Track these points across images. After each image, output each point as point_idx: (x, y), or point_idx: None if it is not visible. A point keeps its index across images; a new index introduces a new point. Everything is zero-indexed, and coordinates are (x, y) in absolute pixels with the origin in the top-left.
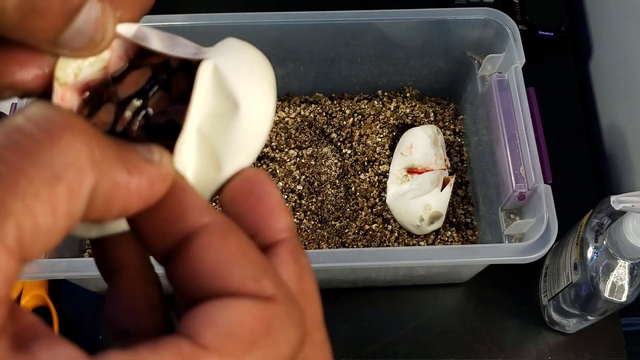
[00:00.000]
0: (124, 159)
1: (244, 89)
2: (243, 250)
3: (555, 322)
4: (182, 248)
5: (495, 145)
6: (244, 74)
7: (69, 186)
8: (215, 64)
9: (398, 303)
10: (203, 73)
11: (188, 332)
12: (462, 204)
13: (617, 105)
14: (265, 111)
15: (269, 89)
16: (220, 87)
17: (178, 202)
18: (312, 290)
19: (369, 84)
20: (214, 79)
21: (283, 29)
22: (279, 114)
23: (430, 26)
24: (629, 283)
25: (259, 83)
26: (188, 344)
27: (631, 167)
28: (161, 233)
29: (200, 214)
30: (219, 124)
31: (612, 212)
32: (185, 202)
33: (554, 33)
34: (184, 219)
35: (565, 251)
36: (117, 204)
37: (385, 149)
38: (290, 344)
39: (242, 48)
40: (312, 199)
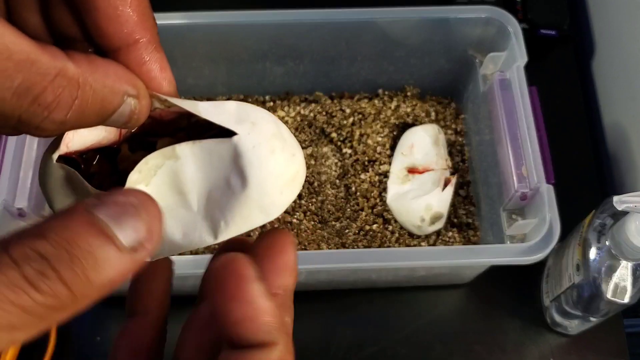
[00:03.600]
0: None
1: (257, 173)
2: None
3: (557, 323)
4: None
5: (497, 145)
6: (265, 157)
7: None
8: (237, 144)
9: (399, 304)
10: (223, 140)
11: None
12: (464, 204)
13: (620, 104)
14: (276, 200)
15: (286, 184)
16: (236, 163)
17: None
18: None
19: (369, 82)
20: (233, 155)
21: (282, 27)
22: (278, 113)
23: (431, 24)
24: (632, 284)
25: (276, 179)
26: None
27: (634, 167)
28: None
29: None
30: (226, 193)
31: (614, 212)
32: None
33: (556, 32)
34: (258, 332)
35: (567, 252)
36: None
37: (385, 148)
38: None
39: (280, 146)
40: (312, 199)
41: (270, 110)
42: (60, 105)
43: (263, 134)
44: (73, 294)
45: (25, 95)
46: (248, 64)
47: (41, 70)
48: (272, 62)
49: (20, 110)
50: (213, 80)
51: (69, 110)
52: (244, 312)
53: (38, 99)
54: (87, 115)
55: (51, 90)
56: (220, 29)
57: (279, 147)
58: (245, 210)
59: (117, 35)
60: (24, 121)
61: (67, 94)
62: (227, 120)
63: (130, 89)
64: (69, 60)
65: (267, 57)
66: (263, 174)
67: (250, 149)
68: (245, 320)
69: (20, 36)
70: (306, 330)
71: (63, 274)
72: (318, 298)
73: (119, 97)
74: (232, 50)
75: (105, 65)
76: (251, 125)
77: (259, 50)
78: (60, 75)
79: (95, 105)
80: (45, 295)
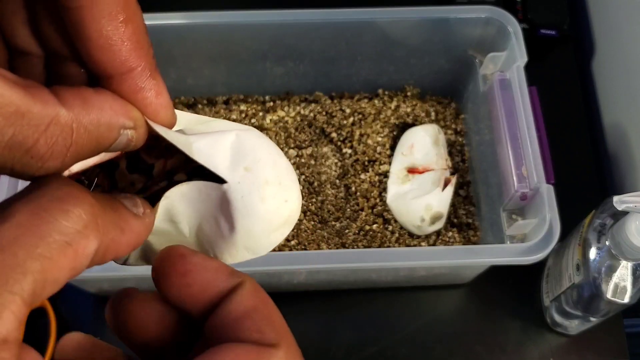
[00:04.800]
0: (118, 220)
1: (244, 221)
2: (255, 306)
3: (557, 323)
4: (213, 309)
5: (497, 145)
6: (253, 206)
7: (76, 250)
8: (226, 191)
9: (399, 304)
10: (212, 184)
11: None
12: (464, 204)
13: (619, 104)
14: (264, 243)
15: (271, 234)
16: (224, 208)
17: (198, 266)
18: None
19: (369, 82)
20: (221, 199)
21: (283, 27)
22: (278, 113)
23: (431, 24)
24: (632, 284)
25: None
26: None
27: (634, 167)
28: (197, 300)
29: (227, 278)
30: (215, 231)
31: (614, 212)
32: (206, 268)
33: (556, 32)
34: (212, 287)
35: (567, 252)
36: (111, 255)
37: (385, 148)
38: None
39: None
40: (312, 199)
41: (270, 110)
42: (54, 155)
43: (256, 182)
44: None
45: (18, 148)
46: (248, 64)
47: (33, 122)
48: (272, 62)
49: (12, 161)
50: (213, 80)
51: (63, 158)
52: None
53: (31, 151)
54: (82, 155)
55: (44, 142)
56: (220, 29)
57: (271, 194)
58: (233, 250)
59: (110, 64)
60: (18, 172)
61: (61, 142)
62: (220, 164)
63: (127, 122)
64: (61, 106)
65: (267, 57)
66: (251, 222)
67: (239, 199)
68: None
69: (10, 86)
70: (306, 330)
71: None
72: (318, 298)
73: (115, 132)
74: (232, 50)
75: (99, 102)
76: (244, 171)
77: (259, 50)
78: (53, 124)
79: (90, 144)
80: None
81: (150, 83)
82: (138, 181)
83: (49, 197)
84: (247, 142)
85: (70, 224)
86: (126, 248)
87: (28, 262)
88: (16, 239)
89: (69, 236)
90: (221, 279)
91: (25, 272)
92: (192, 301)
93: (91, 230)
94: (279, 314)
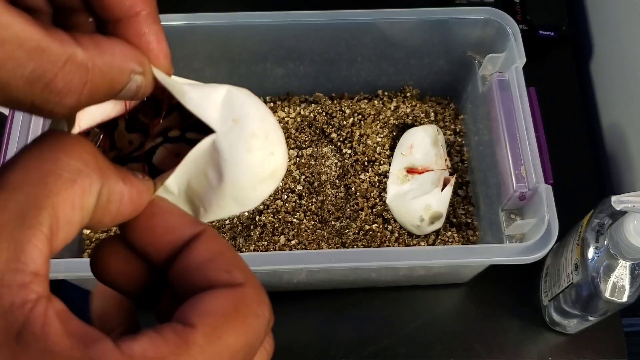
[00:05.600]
0: (119, 171)
1: (231, 170)
2: (220, 249)
3: (555, 322)
4: (175, 256)
5: (495, 145)
6: (241, 155)
7: (81, 186)
8: (215, 141)
9: (398, 304)
10: (201, 144)
11: (180, 319)
12: (463, 204)
13: (618, 104)
14: (250, 195)
15: (261, 182)
16: (213, 158)
17: (170, 219)
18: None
19: (369, 83)
20: (210, 151)
21: (283, 28)
22: (278, 114)
23: (430, 26)
24: (630, 283)
25: (252, 177)
26: (180, 325)
27: (632, 167)
28: (160, 244)
29: (190, 227)
30: (204, 184)
31: (613, 212)
32: (176, 217)
33: (555, 33)
34: (176, 231)
35: (566, 251)
36: (115, 207)
37: (385, 149)
38: (257, 317)
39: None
40: (312, 199)
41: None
42: (72, 91)
43: (242, 133)
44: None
45: (37, 82)
46: (249, 65)
47: (51, 58)
48: (272, 63)
49: (32, 96)
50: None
51: (79, 94)
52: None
53: (49, 85)
54: (96, 96)
55: (62, 77)
56: (221, 31)
57: (257, 146)
58: (221, 201)
59: (119, 7)
60: (37, 106)
61: (78, 79)
62: (210, 115)
63: (136, 67)
64: (77, 45)
65: (267, 58)
66: (238, 172)
67: (227, 148)
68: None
69: (30, 24)
70: (306, 330)
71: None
72: (318, 297)
73: (126, 76)
74: (233, 52)
75: (111, 46)
76: (232, 123)
77: (260, 51)
78: (69, 62)
79: (104, 86)
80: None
81: (153, 28)
82: (136, 140)
83: (53, 141)
84: (238, 97)
85: (73, 162)
86: (129, 203)
87: (40, 199)
88: (25, 178)
89: (72, 173)
90: (185, 225)
91: (39, 207)
92: (156, 245)
93: (93, 169)
94: (240, 256)
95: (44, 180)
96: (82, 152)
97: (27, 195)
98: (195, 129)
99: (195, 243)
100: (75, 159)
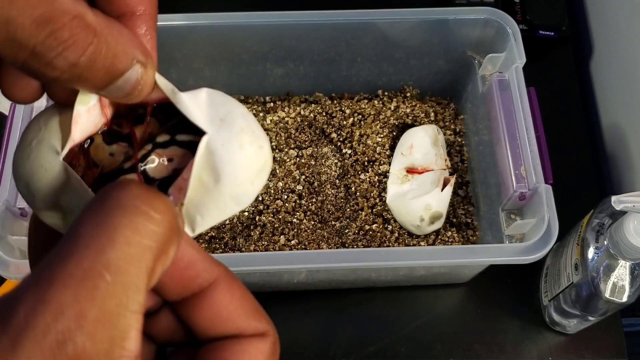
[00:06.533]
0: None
1: (228, 168)
2: (243, 295)
3: (555, 322)
4: (198, 295)
5: (495, 145)
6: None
7: (167, 254)
8: (207, 142)
9: (398, 303)
10: (200, 148)
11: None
12: (463, 204)
13: (618, 104)
14: (248, 190)
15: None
16: (207, 161)
17: (194, 261)
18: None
19: (369, 83)
20: (203, 154)
21: (283, 28)
22: (278, 114)
23: (430, 26)
24: (630, 283)
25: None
26: None
27: (632, 167)
28: (182, 287)
29: (212, 270)
30: (199, 191)
31: (613, 212)
32: (199, 261)
33: (555, 33)
34: (201, 276)
35: (565, 251)
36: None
37: (385, 149)
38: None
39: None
40: (312, 199)
41: (270, 111)
42: (76, 45)
43: (232, 130)
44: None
45: (44, 26)
46: (249, 65)
47: (62, 8)
48: (272, 63)
49: (36, 40)
50: (214, 81)
51: (82, 53)
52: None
53: (55, 32)
54: (97, 68)
55: (69, 28)
56: (221, 30)
57: (248, 140)
58: (220, 203)
59: (124, 2)
60: (38, 53)
61: (84, 37)
62: (198, 116)
63: (140, 56)
64: (89, 9)
65: (267, 58)
66: (234, 168)
67: (220, 147)
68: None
69: None
70: (306, 330)
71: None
72: (318, 297)
73: (129, 60)
74: (232, 52)
75: (120, 26)
76: (220, 122)
77: (260, 51)
78: (79, 18)
79: (107, 59)
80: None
81: (151, 30)
82: (118, 152)
83: (133, 201)
84: (217, 97)
85: (161, 230)
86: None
87: (140, 279)
88: (126, 258)
89: (164, 244)
90: (207, 270)
91: (139, 288)
92: (176, 290)
93: (175, 233)
94: (254, 298)
95: (142, 257)
96: (169, 214)
97: (129, 275)
98: (182, 130)
99: (218, 291)
100: (164, 227)
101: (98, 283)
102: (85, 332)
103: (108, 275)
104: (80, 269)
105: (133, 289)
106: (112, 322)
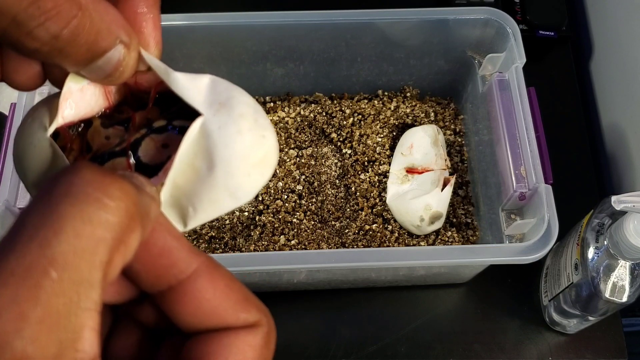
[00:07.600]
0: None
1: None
2: (228, 285)
3: (555, 322)
4: (176, 288)
5: (495, 145)
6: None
7: (126, 244)
8: (202, 124)
9: (398, 303)
10: (192, 129)
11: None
12: (463, 204)
13: (617, 104)
14: (243, 183)
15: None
16: (201, 145)
17: (169, 249)
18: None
19: (369, 83)
20: (197, 138)
21: (283, 28)
22: (278, 114)
23: (430, 26)
24: (630, 283)
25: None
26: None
27: (632, 167)
28: (156, 277)
29: (190, 260)
30: (192, 179)
31: (613, 212)
32: (175, 249)
33: (555, 33)
34: (177, 266)
35: (565, 251)
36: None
37: (385, 149)
38: (272, 350)
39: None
40: (312, 199)
41: (270, 111)
42: (59, 16)
43: (231, 114)
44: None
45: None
46: (249, 65)
47: None
48: (272, 63)
49: (18, 7)
50: None
51: (65, 25)
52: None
53: (39, 1)
54: (79, 43)
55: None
56: (221, 30)
57: (247, 127)
58: (213, 194)
59: None
60: (19, 21)
61: (67, 9)
62: (195, 98)
63: (123, 36)
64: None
65: (267, 58)
66: (229, 154)
67: (216, 130)
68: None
69: None
70: (306, 330)
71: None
72: (318, 297)
73: (112, 38)
74: (232, 52)
75: (106, 4)
76: (219, 106)
77: (260, 51)
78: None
79: (89, 35)
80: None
81: (151, 12)
82: (114, 135)
83: (86, 188)
84: (221, 84)
85: (118, 219)
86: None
87: (93, 274)
88: (75, 251)
89: (121, 232)
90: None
91: (92, 284)
92: (153, 280)
93: (136, 221)
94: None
95: (94, 250)
96: (121, 203)
97: (80, 271)
98: (180, 117)
99: (198, 283)
100: (120, 216)
101: (41, 281)
102: (25, 335)
103: (54, 271)
104: (22, 265)
105: (85, 285)
106: (60, 323)
